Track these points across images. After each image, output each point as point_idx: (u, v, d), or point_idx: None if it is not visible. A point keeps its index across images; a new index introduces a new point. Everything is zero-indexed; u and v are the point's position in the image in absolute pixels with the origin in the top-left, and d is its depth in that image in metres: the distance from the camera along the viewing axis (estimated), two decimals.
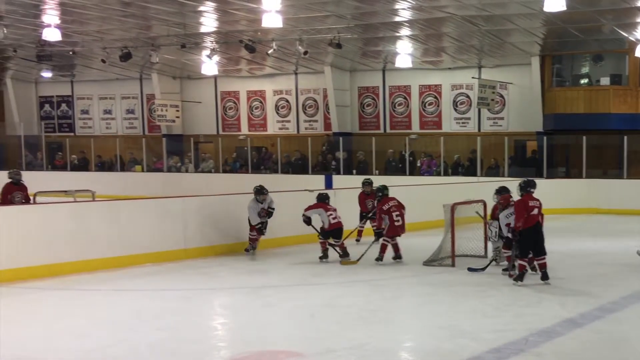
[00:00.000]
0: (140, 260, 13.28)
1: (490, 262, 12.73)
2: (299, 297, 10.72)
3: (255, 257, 14.19)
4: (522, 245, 11.34)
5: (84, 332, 8.61)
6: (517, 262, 11.39)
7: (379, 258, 13.39)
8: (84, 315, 9.63)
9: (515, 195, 12.09)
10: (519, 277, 11.28)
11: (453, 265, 12.96)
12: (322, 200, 13.94)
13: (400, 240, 13.60)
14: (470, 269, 12.55)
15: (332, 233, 13.71)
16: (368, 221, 16.06)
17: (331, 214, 13.71)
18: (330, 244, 13.73)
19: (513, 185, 12.40)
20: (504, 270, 12.20)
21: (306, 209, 13.78)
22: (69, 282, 11.74)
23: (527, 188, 11.54)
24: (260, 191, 14.39)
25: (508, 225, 11.97)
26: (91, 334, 8.53)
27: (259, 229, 14.32)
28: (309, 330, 8.67)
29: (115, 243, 13.22)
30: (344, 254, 13.71)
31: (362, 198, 16.21)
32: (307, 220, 13.74)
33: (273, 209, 14.51)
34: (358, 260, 13.32)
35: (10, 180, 16.28)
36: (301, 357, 7.55)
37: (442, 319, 9.17)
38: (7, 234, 11.99)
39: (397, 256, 13.59)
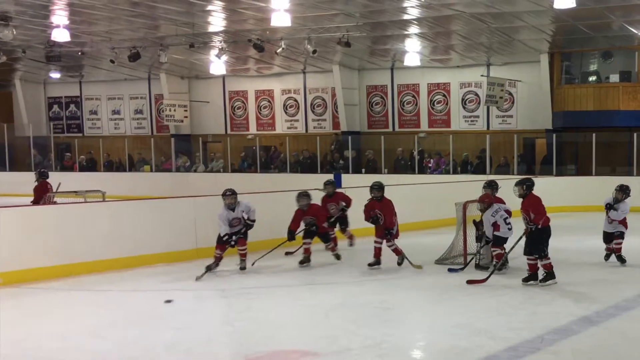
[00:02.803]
0: (152, 260, 13.25)
1: (470, 261, 12.63)
2: (313, 297, 10.72)
3: (268, 257, 13.60)
4: (544, 243, 11.14)
5: (99, 333, 8.63)
6: (544, 262, 11.15)
7: (401, 262, 13.01)
8: (98, 315, 9.65)
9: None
10: (551, 277, 11.14)
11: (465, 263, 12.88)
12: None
13: (413, 239, 13.49)
14: (450, 270, 12.44)
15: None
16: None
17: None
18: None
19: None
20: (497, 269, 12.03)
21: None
22: (81, 283, 11.78)
23: (532, 187, 11.43)
24: (225, 194, 12.72)
25: (495, 224, 11.99)
26: (106, 334, 8.56)
27: (226, 242, 12.62)
28: (324, 330, 8.65)
29: (126, 243, 13.23)
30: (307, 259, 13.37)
31: (325, 201, 14.72)
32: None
33: (253, 220, 12.81)
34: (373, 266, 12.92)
35: (43, 178, 17.29)
36: (317, 356, 7.54)
37: (457, 318, 9.16)
38: (19, 235, 12.03)
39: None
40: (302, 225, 13.54)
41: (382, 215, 12.85)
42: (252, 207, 12.75)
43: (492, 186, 13.01)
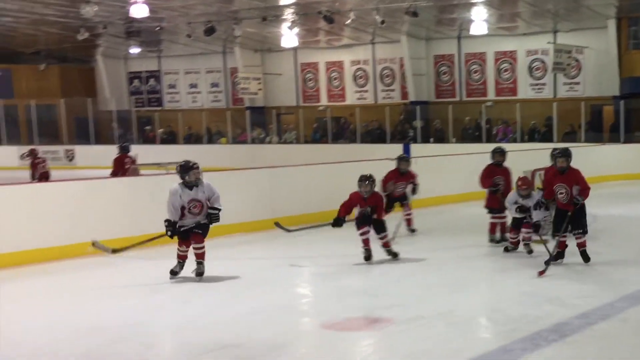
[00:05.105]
0: (229, 230, 13.27)
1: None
2: (383, 266, 10.88)
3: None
4: (585, 218, 10.56)
5: (185, 299, 9.07)
6: (584, 239, 10.59)
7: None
8: (182, 283, 9.96)
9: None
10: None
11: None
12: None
13: (482, 209, 12.88)
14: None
15: None
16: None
17: None
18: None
19: (588, 150, 11.75)
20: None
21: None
22: (162, 252, 11.51)
23: None
24: (184, 167, 10.00)
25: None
26: (191, 301, 8.97)
27: (173, 232, 10.08)
28: (396, 297, 8.89)
29: None
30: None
31: (395, 179, 13.54)
32: None
33: (218, 209, 10.14)
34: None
35: (123, 152, 18.36)
36: (390, 323, 7.76)
37: (526, 287, 9.31)
38: (102, 205, 12.52)
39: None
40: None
41: (503, 183, 12.37)
42: (217, 191, 10.19)
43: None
